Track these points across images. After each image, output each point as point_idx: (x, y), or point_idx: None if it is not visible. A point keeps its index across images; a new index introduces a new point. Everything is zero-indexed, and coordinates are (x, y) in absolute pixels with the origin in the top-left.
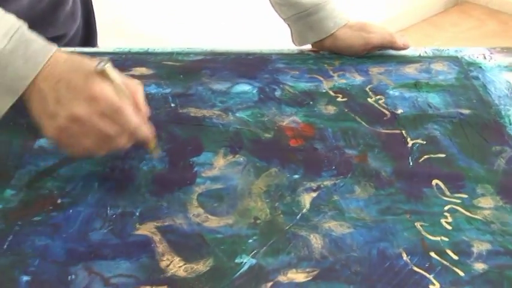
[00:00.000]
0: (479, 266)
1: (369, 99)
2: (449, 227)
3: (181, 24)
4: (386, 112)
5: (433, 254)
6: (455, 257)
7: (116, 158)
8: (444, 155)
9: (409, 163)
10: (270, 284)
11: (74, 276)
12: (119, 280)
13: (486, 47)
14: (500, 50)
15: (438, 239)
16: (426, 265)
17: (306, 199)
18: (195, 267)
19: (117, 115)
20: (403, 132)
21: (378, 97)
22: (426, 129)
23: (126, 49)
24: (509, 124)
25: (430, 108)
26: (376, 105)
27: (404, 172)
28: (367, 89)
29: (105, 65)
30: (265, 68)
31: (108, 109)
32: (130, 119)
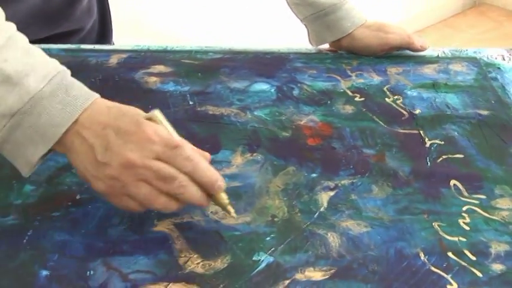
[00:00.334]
0: (497, 267)
1: (386, 99)
2: (467, 228)
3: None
4: (404, 112)
5: (450, 254)
6: (473, 257)
7: None
8: (462, 156)
9: (427, 163)
10: (287, 282)
11: (92, 271)
12: (137, 276)
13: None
14: None
15: (456, 239)
16: (444, 265)
17: (324, 198)
18: (213, 264)
19: (174, 153)
20: (421, 132)
21: (396, 97)
22: (444, 130)
23: (145, 47)
24: None
25: (448, 108)
26: (394, 105)
27: (422, 172)
28: (385, 89)
29: (155, 111)
30: (283, 67)
31: (164, 149)
32: (191, 156)
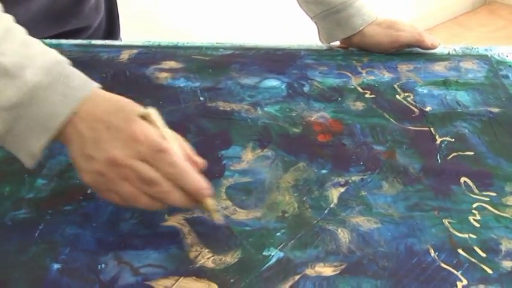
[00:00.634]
0: (507, 264)
1: (397, 96)
2: (478, 225)
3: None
4: (415, 109)
5: (460, 251)
6: (483, 254)
7: None
8: (473, 153)
9: (438, 160)
10: (297, 277)
11: (103, 265)
12: (148, 270)
13: None
14: None
15: (466, 236)
16: (454, 262)
17: (334, 194)
18: (224, 259)
19: (159, 157)
20: (432, 129)
21: (407, 94)
22: (455, 127)
23: (156, 42)
24: None
25: (459, 106)
26: (404, 102)
27: (432, 169)
28: (396, 86)
29: (150, 109)
30: (294, 64)
31: (149, 151)
32: (176, 162)
